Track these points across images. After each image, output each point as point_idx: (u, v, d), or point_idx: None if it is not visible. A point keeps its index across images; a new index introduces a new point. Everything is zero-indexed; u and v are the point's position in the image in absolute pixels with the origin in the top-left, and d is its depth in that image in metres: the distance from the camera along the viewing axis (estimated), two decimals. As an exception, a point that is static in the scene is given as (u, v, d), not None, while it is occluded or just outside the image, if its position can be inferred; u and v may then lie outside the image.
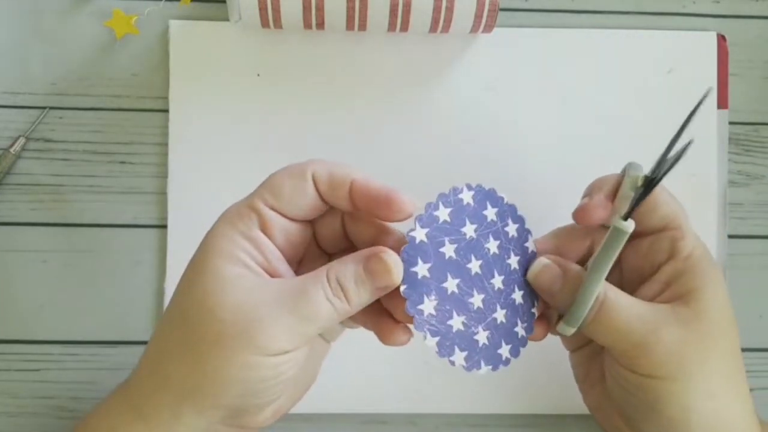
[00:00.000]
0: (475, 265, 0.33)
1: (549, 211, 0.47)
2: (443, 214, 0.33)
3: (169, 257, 0.46)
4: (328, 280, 0.32)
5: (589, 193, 0.38)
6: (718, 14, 0.49)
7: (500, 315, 0.34)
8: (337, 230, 0.36)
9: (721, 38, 0.48)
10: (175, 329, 0.32)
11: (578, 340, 0.39)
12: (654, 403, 0.34)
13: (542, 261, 0.35)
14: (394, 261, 0.32)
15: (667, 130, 0.48)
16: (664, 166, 0.34)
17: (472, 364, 0.34)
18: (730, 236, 0.48)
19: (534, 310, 0.35)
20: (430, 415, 0.46)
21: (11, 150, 0.45)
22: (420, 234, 0.33)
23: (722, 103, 0.48)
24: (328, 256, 0.37)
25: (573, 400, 0.42)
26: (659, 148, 0.47)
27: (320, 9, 0.43)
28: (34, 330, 0.45)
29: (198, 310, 0.31)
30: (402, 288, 0.33)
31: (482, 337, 0.34)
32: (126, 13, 0.46)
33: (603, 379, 0.38)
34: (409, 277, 0.33)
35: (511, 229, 0.34)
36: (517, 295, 0.34)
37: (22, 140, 0.46)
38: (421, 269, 0.33)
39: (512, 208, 0.35)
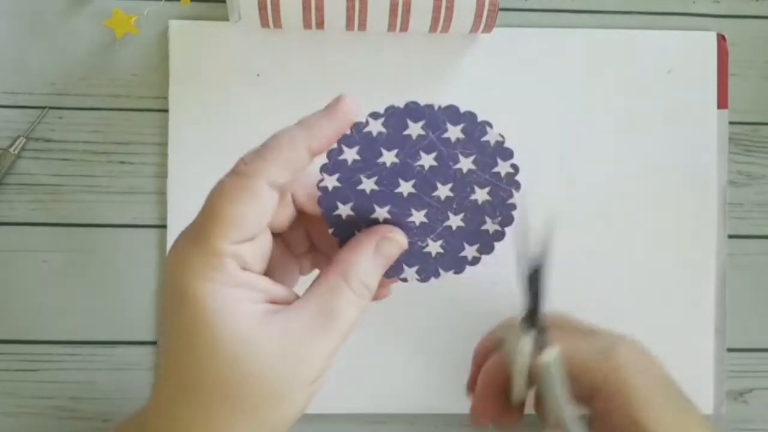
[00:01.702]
0: (406, 187, 0.33)
1: (547, 212, 0.47)
2: (351, 155, 0.32)
3: (168, 257, 0.46)
4: (351, 287, 0.31)
5: (470, 391, 0.41)
6: (718, 14, 0.49)
7: (455, 221, 0.34)
8: (301, 234, 0.35)
9: (721, 38, 0.48)
10: (212, 397, 0.30)
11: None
12: None
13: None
14: (401, 233, 0.33)
15: (667, 130, 0.48)
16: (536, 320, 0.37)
17: (427, 275, 0.34)
18: (730, 236, 0.48)
19: (512, 200, 0.34)
20: (430, 415, 0.46)
21: (11, 150, 0.45)
22: (330, 182, 0.33)
23: (722, 103, 0.48)
24: (282, 238, 0.35)
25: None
26: (658, 148, 0.47)
27: (320, 9, 0.43)
28: (34, 330, 0.45)
29: (238, 379, 0.29)
30: (330, 231, 0.33)
31: (434, 247, 0.34)
32: (126, 13, 0.46)
33: None
34: (334, 220, 0.33)
35: (453, 132, 0.33)
36: (480, 194, 0.34)
37: (21, 140, 0.46)
38: (344, 210, 0.33)
39: (449, 111, 0.33)
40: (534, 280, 0.36)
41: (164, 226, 0.46)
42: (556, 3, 0.48)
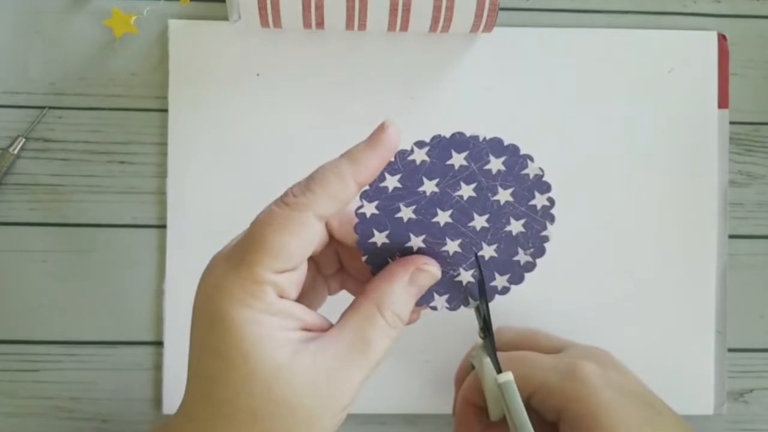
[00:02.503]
0: (443, 217, 0.33)
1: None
2: (392, 182, 0.33)
3: (168, 257, 0.46)
4: (385, 317, 0.31)
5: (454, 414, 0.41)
6: (718, 14, 0.49)
7: (488, 251, 0.34)
8: (332, 256, 0.36)
9: (722, 38, 0.48)
10: (244, 423, 0.30)
11: None
12: None
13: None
14: (435, 264, 0.33)
15: (667, 130, 0.48)
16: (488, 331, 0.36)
17: (457, 303, 0.35)
18: (731, 236, 0.48)
19: (545, 233, 0.34)
20: (430, 416, 0.46)
21: (10, 150, 0.45)
22: (369, 209, 0.33)
23: (723, 102, 0.48)
24: (314, 260, 0.36)
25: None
26: (658, 148, 0.47)
27: (320, 8, 0.43)
28: (33, 330, 0.45)
29: (271, 407, 0.30)
30: (364, 258, 0.34)
31: (466, 276, 0.34)
32: (125, 12, 0.46)
33: None
34: (368, 247, 0.33)
35: (495, 164, 0.33)
36: (515, 226, 0.34)
37: (21, 140, 0.46)
38: (379, 238, 0.33)
39: (493, 143, 0.33)
40: (480, 307, 0.36)
41: (164, 226, 0.46)
42: (556, 3, 0.48)
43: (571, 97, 0.47)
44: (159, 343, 0.46)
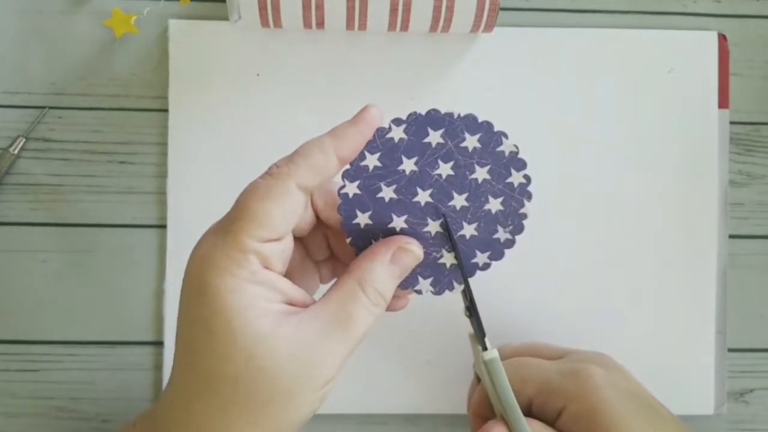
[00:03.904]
0: (423, 196, 0.34)
1: (548, 212, 0.47)
2: (372, 161, 0.33)
3: (168, 257, 0.46)
4: (366, 294, 0.32)
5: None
6: (718, 14, 0.49)
7: (468, 230, 0.34)
8: (320, 240, 0.36)
9: (722, 38, 0.48)
10: (225, 392, 0.30)
11: None
12: None
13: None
14: (417, 244, 0.33)
15: (668, 130, 0.48)
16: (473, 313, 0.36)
17: (441, 287, 0.35)
18: (731, 236, 0.48)
19: (523, 210, 0.34)
20: (430, 416, 0.46)
21: (10, 150, 0.45)
22: (351, 188, 0.33)
23: (723, 102, 0.48)
24: (302, 244, 0.36)
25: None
26: (658, 148, 0.47)
27: (320, 8, 0.43)
28: (33, 330, 0.45)
29: (253, 376, 0.30)
30: (348, 240, 0.34)
31: (448, 258, 0.34)
32: (125, 12, 0.46)
33: None
34: (352, 229, 0.34)
35: (471, 142, 0.34)
36: (494, 204, 0.34)
37: (21, 140, 0.46)
38: (362, 219, 0.34)
39: (467, 120, 0.34)
40: (466, 292, 0.36)
41: (164, 226, 0.46)
42: (556, 3, 0.48)
43: (571, 97, 0.47)
44: (159, 343, 0.46)
